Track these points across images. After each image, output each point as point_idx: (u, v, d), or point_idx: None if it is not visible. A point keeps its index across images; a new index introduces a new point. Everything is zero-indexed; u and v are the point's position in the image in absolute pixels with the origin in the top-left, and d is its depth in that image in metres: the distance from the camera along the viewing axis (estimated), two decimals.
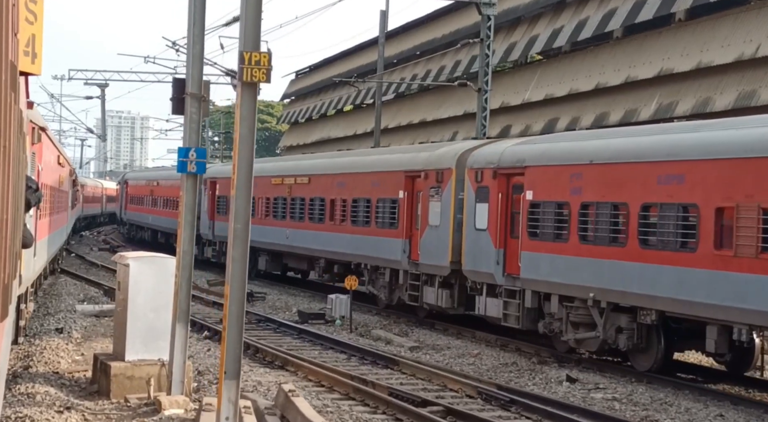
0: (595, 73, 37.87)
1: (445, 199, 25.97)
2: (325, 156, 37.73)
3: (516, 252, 22.80)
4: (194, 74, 15.29)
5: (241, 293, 12.11)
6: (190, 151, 15.20)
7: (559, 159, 21.36)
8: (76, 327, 23.76)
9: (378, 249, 29.57)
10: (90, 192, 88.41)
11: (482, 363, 21.09)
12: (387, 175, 29.39)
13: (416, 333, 25.88)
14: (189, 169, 15.24)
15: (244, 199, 12.21)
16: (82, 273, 40.99)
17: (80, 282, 36.74)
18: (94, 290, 34.15)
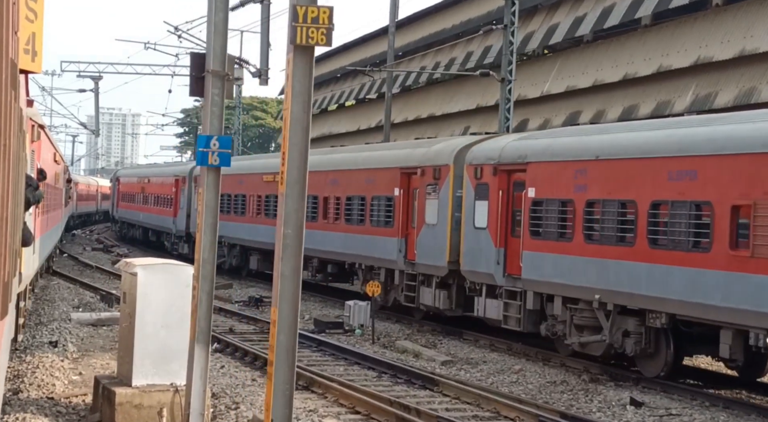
0: (623, 63, 35.74)
1: (443, 197, 25.06)
2: (317, 152, 36.75)
3: (517, 251, 21.89)
4: (217, 48, 12.94)
5: (293, 318, 9.19)
6: (212, 139, 12.99)
7: (563, 154, 20.45)
8: (71, 339, 21.54)
9: (373, 249, 28.65)
10: (85, 190, 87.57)
11: (527, 381, 18.91)
12: (382, 172, 28.46)
13: (445, 344, 23.62)
14: (210, 160, 13.00)
15: (297, 198, 9.29)
16: (76, 275, 38.71)
17: (74, 286, 34.59)
18: (90, 295, 31.90)
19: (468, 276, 23.80)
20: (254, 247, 38.44)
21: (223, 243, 41.51)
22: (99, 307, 28.07)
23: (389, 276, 28.14)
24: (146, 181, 59.89)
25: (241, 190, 39.80)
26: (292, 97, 9.62)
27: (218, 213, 13.23)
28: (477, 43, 44.91)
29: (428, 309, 26.38)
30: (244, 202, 39.23)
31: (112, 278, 37.43)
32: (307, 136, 9.54)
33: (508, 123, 30.84)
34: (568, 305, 20.18)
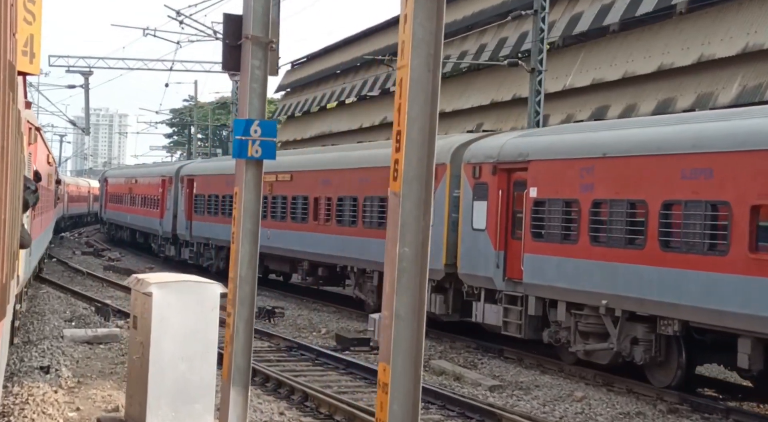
0: (656, 53, 33.07)
1: (439, 197, 24.00)
2: (308, 151, 35.75)
3: (518, 254, 20.86)
4: (258, 8, 10.58)
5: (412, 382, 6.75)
6: (252, 124, 10.56)
7: (568, 152, 19.42)
8: (65, 362, 18.41)
9: (366, 251, 27.60)
10: (76, 191, 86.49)
11: (594, 411, 16.32)
12: (375, 172, 27.40)
13: (486, 363, 20.82)
14: (250, 152, 10.58)
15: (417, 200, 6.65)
16: (66, 282, 35.89)
17: (65, 295, 31.72)
18: (83, 305, 28.81)
19: (466, 280, 22.76)
20: None
21: (211, 246, 40.41)
22: (94, 321, 25.20)
23: (382, 279, 27.06)
24: (134, 181, 58.80)
25: (228, 191, 38.69)
26: (412, 49, 6.57)
27: (259, 217, 11.20)
28: (492, 34, 42.38)
29: None
30: (233, 203, 38.10)
31: (105, 286, 35.62)
32: (435, 106, 6.72)
33: (538, 117, 28.54)
34: (572, 311, 19.14)
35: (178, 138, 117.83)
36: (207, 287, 12.01)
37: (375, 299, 27.67)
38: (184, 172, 44.60)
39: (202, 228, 41.42)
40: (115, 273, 40.70)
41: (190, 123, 77.53)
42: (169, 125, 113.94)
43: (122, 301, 29.18)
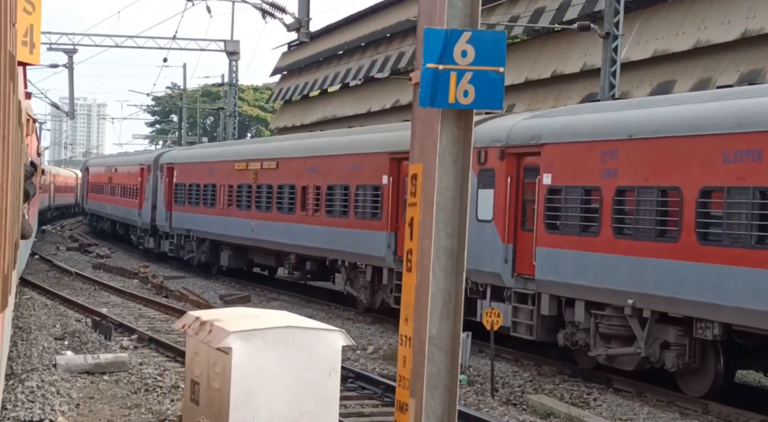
0: (739, 18, 28.74)
1: None
2: (295, 137, 33.69)
3: (529, 248, 18.87)
4: None
5: None
6: (459, 39, 6.49)
7: (587, 134, 17.41)
8: (62, 406, 13.50)
9: (358, 244, 25.58)
10: (62, 181, 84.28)
11: None
12: (368, 158, 25.37)
13: (595, 397, 16.39)
14: (453, 95, 6.51)
15: None
16: (52, 285, 31.10)
17: (53, 302, 26.96)
18: (75, 316, 23.94)
19: (469, 276, 20.74)
20: (225, 242, 35.28)
21: (192, 238, 38.34)
22: (92, 340, 19.55)
23: (377, 274, 25.08)
24: (113, 170, 56.59)
25: (210, 180, 36.62)
26: None
27: (466, 202, 7.04)
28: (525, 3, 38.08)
29: None
30: (214, 193, 36.04)
31: (97, 289, 31.33)
32: None
33: (613, 91, 25.08)
34: (592, 311, 17.16)
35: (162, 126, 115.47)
36: (323, 337, 7.78)
37: (368, 296, 25.68)
38: (164, 160, 42.46)
39: (183, 219, 39.31)
40: (106, 274, 37.13)
41: (180, 107, 74.67)
42: (151, 113, 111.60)
43: (120, 310, 26.31)
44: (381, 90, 50.79)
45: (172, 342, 20.00)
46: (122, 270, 37.46)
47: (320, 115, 57.41)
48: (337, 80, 55.87)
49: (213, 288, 32.74)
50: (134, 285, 33.16)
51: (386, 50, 48.39)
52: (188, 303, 28.04)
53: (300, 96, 62.46)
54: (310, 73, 60.82)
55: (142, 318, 25.06)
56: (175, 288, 31.47)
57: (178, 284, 33.46)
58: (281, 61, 66.29)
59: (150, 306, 27.45)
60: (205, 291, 31.98)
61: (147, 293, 30.84)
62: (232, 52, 52.86)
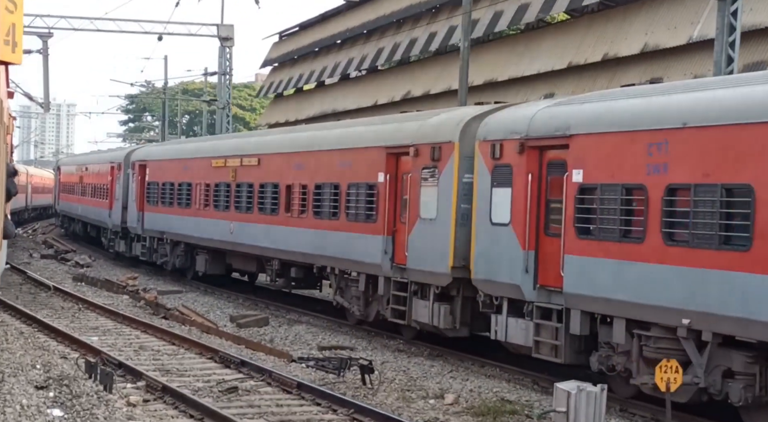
0: None
1: (445, 183, 19.39)
2: (278, 131, 30.96)
3: (555, 255, 16.26)
4: None
5: None
6: None
7: (629, 122, 14.80)
8: None
9: (349, 249, 22.92)
10: (40, 182, 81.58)
11: None
12: (362, 153, 22.71)
13: None
14: None
15: None
16: (28, 305, 25.97)
17: (30, 329, 21.78)
18: (59, 348, 19.11)
19: (482, 288, 18.14)
20: (201, 245, 32.52)
21: (165, 240, 35.56)
22: (86, 393, 14.17)
23: (371, 284, 22.42)
24: (84, 169, 53.70)
25: (185, 178, 33.84)
26: None
27: None
28: None
29: (422, 328, 20.69)
30: (189, 192, 33.27)
31: (82, 308, 26.33)
32: None
33: (731, 66, 20.93)
34: (635, 331, 14.56)
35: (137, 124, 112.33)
36: None
37: (361, 307, 23.02)
38: (135, 157, 39.62)
39: (156, 221, 36.51)
40: (90, 287, 31.97)
41: (163, 100, 71.09)
42: (124, 111, 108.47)
43: (114, 338, 21.29)
44: (389, 80, 45.64)
45: (192, 393, 15.36)
46: (108, 283, 32.48)
47: (317, 110, 52.02)
48: (337, 71, 50.30)
49: (218, 306, 28.32)
50: (125, 303, 28.24)
51: (394, 37, 43.68)
52: (194, 328, 23.53)
53: (293, 89, 57.38)
54: (305, 65, 55.30)
55: (143, 351, 19.75)
56: (174, 306, 27.13)
57: (176, 300, 29.02)
58: (272, 51, 60.92)
59: (150, 332, 22.31)
60: (209, 309, 27.50)
61: (142, 314, 25.81)
62: (225, 37, 48.78)
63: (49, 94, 49.49)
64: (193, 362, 18.78)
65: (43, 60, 47.85)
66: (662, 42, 28.21)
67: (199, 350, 19.78)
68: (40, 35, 47.89)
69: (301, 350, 20.71)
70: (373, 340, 21.84)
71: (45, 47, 48.23)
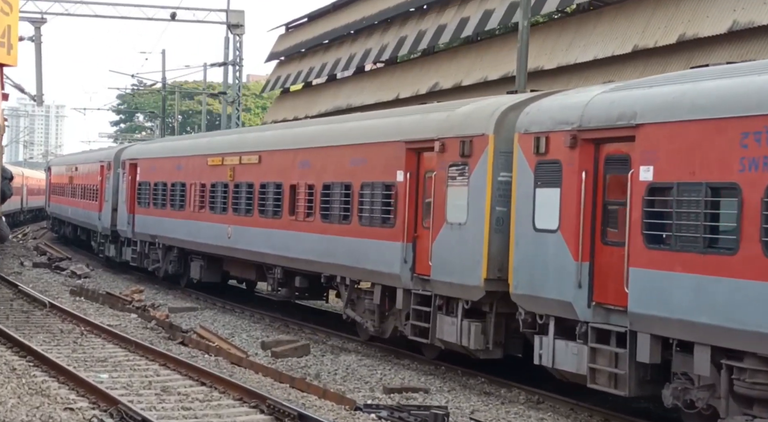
0: None
1: (477, 183, 16.83)
2: (281, 126, 28.37)
3: (616, 268, 13.70)
4: None
5: None
6: None
7: (715, 108, 12.23)
8: None
9: (362, 257, 20.36)
10: (35, 183, 79.62)
11: None
12: (378, 149, 20.14)
13: None
14: None
15: None
16: (21, 326, 21.89)
17: (24, 363, 17.25)
18: (60, 393, 14.80)
19: (523, 304, 15.57)
20: (196, 251, 29.92)
21: (158, 245, 32.96)
22: None
23: (387, 296, 19.86)
24: (74, 169, 51.10)
25: (179, 178, 31.24)
26: None
27: None
28: None
29: (447, 347, 18.10)
30: (183, 193, 30.68)
31: (84, 331, 21.72)
32: None
33: None
34: (723, 361, 11.99)
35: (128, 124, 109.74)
36: None
37: (376, 322, 20.43)
38: (126, 156, 37.01)
39: (147, 224, 33.90)
40: (90, 303, 27.75)
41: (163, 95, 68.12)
42: (116, 111, 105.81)
43: (128, 376, 16.59)
44: (413, 72, 41.06)
45: None
46: (110, 298, 28.53)
47: (329, 105, 47.15)
48: (352, 64, 45.74)
49: (242, 327, 24.31)
50: (133, 324, 23.88)
51: (419, 24, 39.40)
52: (221, 357, 19.19)
53: (302, 84, 52.92)
54: (315, 58, 50.77)
55: (168, 395, 15.10)
56: (190, 327, 23.51)
57: (191, 319, 25.34)
58: (278, 44, 56.35)
59: (171, 366, 17.54)
60: (232, 331, 23.59)
61: (155, 338, 21.59)
62: (235, 24, 45.70)
63: (42, 86, 45.54)
64: (234, 412, 14.08)
65: (36, 48, 44.22)
66: (757, 18, 24.14)
67: (238, 393, 15.07)
68: (32, 21, 44.18)
69: (361, 391, 16.76)
70: (446, 377, 18.21)
71: (38, 35, 44.41)
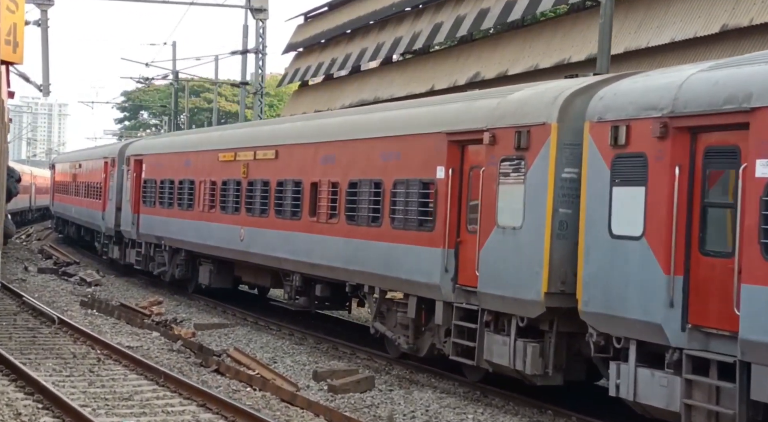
0: None
1: (535, 180, 14.40)
2: (301, 117, 25.90)
3: (721, 284, 11.25)
4: None
5: None
6: None
7: None
8: None
9: (395, 265, 17.94)
10: (43, 182, 77.87)
11: None
12: (414, 142, 17.70)
13: None
14: None
15: None
16: (26, 349, 18.83)
17: (30, 403, 14.18)
18: None
19: (595, 324, 13.12)
20: (205, 254, 27.52)
21: (164, 247, 30.56)
22: None
23: (424, 309, 17.43)
24: (78, 166, 48.75)
25: (187, 175, 28.83)
26: None
27: None
28: None
29: (497, 370, 15.64)
30: (192, 191, 28.28)
31: (101, 356, 18.43)
32: None
33: None
34: None
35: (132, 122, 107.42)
36: None
37: (410, 338, 18.00)
38: (131, 152, 34.60)
39: (153, 224, 31.50)
40: (104, 318, 24.28)
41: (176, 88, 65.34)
42: (120, 109, 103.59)
43: (164, 419, 13.63)
44: (449, 62, 37.25)
45: None
46: (126, 311, 25.35)
47: (354, 98, 42.85)
48: (379, 54, 41.82)
49: (284, 349, 20.58)
50: (156, 345, 20.43)
51: (456, 9, 35.81)
52: (268, 392, 15.90)
53: (322, 76, 49.17)
54: (337, 48, 47.11)
55: None
56: (222, 348, 20.08)
57: (221, 339, 21.93)
58: (296, 35, 52.84)
59: (211, 406, 14.24)
60: (273, 354, 19.85)
61: (184, 364, 18.35)
62: (258, 8, 42.78)
63: (48, 75, 42.20)
64: None
65: (42, 34, 40.84)
66: None
67: None
68: (38, 3, 40.96)
69: None
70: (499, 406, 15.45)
71: (44, 18, 41.03)
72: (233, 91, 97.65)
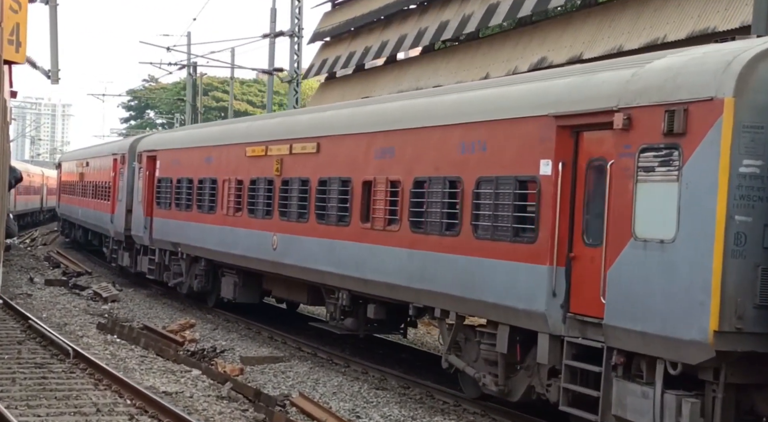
0: None
1: (697, 176, 10.56)
2: (347, 104, 21.99)
3: None
4: None
5: None
6: None
7: None
8: None
9: (479, 284, 14.11)
10: (54, 183, 75.07)
11: None
12: (506, 128, 13.84)
13: None
14: None
15: None
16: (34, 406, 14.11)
17: None
18: None
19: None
20: (229, 264, 23.71)
21: (180, 255, 26.79)
22: None
23: (519, 341, 13.59)
24: (85, 164, 45.08)
25: (209, 173, 25.02)
26: None
27: None
28: None
29: None
30: (214, 192, 24.48)
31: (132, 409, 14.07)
32: None
33: None
34: None
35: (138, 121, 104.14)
36: None
37: (499, 378, 14.15)
38: (143, 147, 30.80)
39: (168, 229, 27.70)
40: (128, 348, 20.01)
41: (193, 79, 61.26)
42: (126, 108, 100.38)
43: None
44: (507, 46, 32.76)
45: None
46: (154, 338, 21.04)
47: (392, 90, 37.42)
48: (421, 41, 37.29)
49: (363, 397, 16.25)
50: (200, 388, 16.22)
51: None
52: None
53: (353, 68, 44.78)
54: (370, 36, 42.59)
55: None
56: (281, 392, 16.30)
57: (276, 377, 17.84)
58: (323, 22, 48.27)
59: None
60: (354, 405, 15.59)
61: (239, 415, 14.21)
62: None
63: (57, 61, 37.65)
64: None
65: (50, 13, 36.41)
66: None
67: None
68: None
69: None
70: None
71: (53, 13, 36.91)
72: (242, 89, 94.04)
